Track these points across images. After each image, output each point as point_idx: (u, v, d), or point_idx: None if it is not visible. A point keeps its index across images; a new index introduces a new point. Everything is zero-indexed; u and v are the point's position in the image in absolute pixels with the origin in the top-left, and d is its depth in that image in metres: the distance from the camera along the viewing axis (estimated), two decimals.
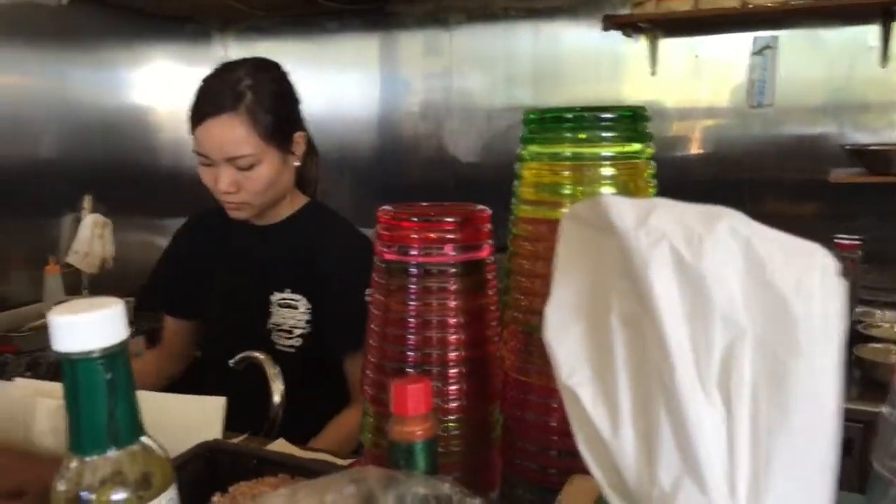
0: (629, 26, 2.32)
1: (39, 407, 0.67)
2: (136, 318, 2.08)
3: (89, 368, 0.38)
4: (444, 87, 2.73)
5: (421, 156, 2.79)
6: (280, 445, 0.99)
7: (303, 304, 1.26)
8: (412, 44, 2.77)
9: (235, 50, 3.08)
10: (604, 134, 0.59)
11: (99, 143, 2.74)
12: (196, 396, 0.73)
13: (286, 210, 1.32)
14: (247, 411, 0.95)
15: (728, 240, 0.36)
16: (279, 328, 1.26)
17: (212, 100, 1.18)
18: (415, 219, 0.59)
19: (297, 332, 1.26)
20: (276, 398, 1.09)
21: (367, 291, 1.17)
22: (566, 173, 0.59)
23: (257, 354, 1.13)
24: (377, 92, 2.84)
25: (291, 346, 1.26)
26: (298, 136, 1.27)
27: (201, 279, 1.36)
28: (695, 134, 2.50)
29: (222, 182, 1.19)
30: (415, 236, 0.59)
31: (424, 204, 0.64)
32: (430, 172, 2.77)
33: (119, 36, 2.82)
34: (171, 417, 0.65)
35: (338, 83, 2.86)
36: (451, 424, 0.59)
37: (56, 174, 2.56)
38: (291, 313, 1.26)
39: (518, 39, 2.63)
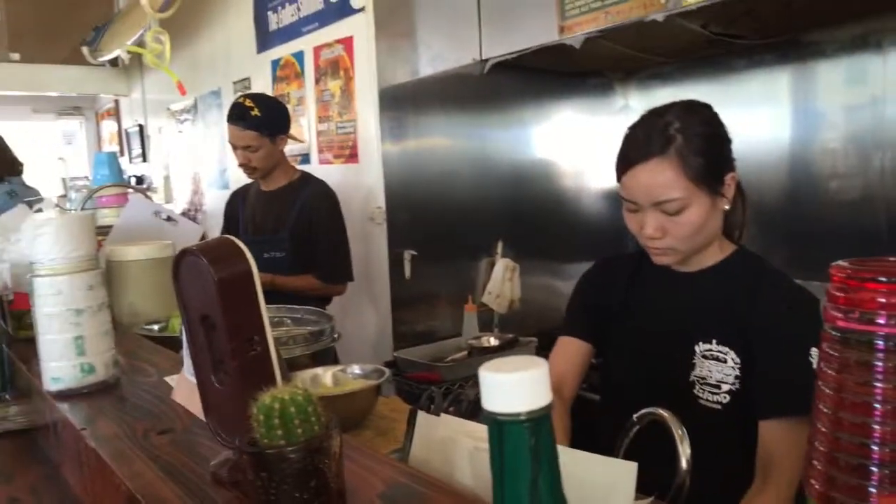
0: None
1: (461, 447, 0.71)
2: None
3: (515, 431, 0.37)
4: (873, 119, 2.34)
5: (842, 198, 2.43)
6: None
7: (731, 357, 1.17)
8: (832, 73, 2.44)
9: (636, 99, 3.10)
10: None
11: (510, 193, 3.00)
12: (607, 458, 0.70)
13: (713, 257, 1.26)
14: (649, 468, 0.90)
15: None
16: (704, 381, 1.19)
17: (640, 145, 1.19)
18: (884, 279, 0.47)
19: (725, 387, 1.17)
20: (683, 463, 1.02)
21: (812, 353, 1.06)
22: None
23: (662, 412, 1.07)
24: (788, 129, 2.57)
25: (717, 403, 1.17)
26: (729, 178, 1.21)
27: (610, 320, 1.35)
28: None
29: (649, 227, 1.19)
30: (884, 301, 0.46)
31: None
32: (855, 217, 2.38)
33: (529, 95, 3.06)
34: (577, 475, 0.62)
35: (744, 122, 2.65)
36: None
37: (475, 222, 2.86)
38: (719, 367, 1.18)
39: None
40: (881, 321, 0.47)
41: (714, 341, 1.19)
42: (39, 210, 1.25)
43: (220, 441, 0.82)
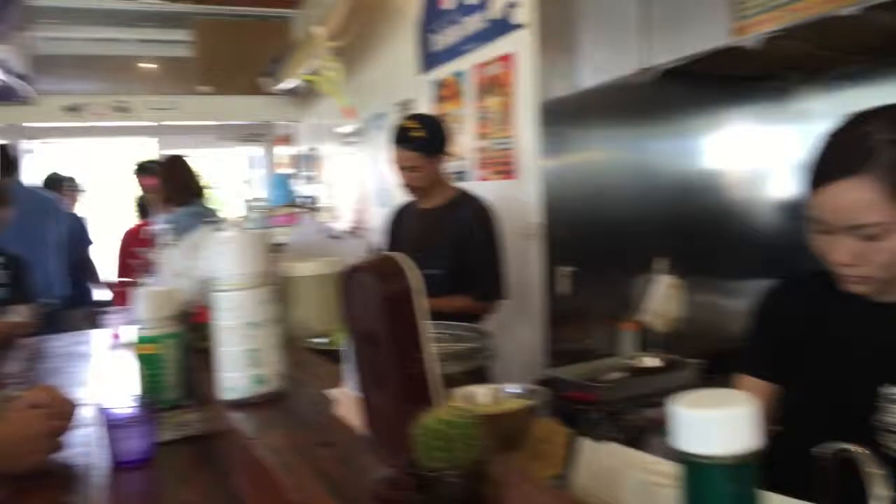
0: None
1: (631, 479, 0.65)
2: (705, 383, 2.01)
3: (716, 476, 0.31)
4: None
5: None
6: None
7: None
8: None
9: (818, 103, 2.84)
10: None
11: (673, 206, 2.84)
12: (798, 502, 0.61)
13: None
14: None
15: None
16: (889, 429, 1.03)
17: (837, 160, 1.04)
18: None
19: None
20: None
21: None
22: None
23: (855, 449, 0.94)
24: None
25: None
26: None
27: (792, 348, 1.20)
28: None
29: (840, 253, 1.04)
30: None
31: None
32: None
33: (697, 103, 2.90)
34: None
35: None
36: None
37: (636, 238, 2.74)
38: None
39: None
40: None
41: None
42: (221, 229, 1.33)
43: (381, 458, 0.82)
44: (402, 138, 2.46)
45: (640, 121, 2.82)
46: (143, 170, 4.59)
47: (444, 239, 2.46)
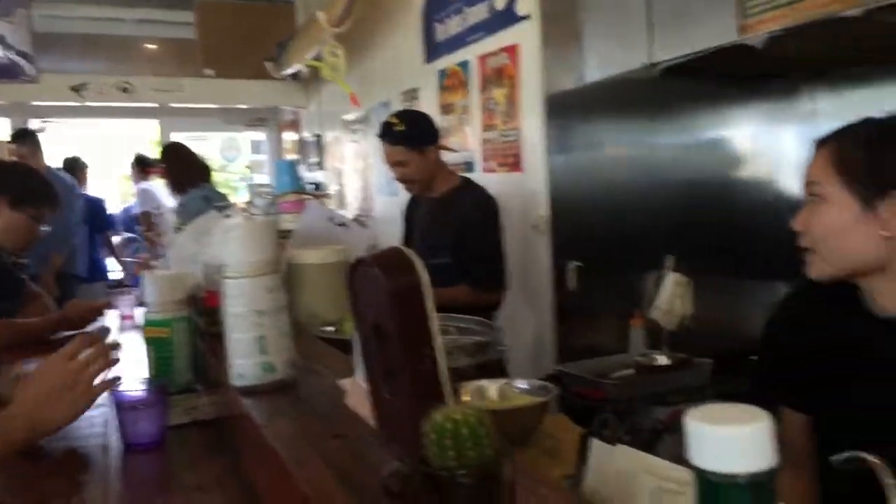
0: None
1: (642, 484, 0.67)
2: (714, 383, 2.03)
3: (732, 495, 0.32)
4: None
5: None
6: None
7: None
8: None
9: (826, 102, 2.84)
10: None
11: (683, 204, 2.85)
12: None
13: None
14: None
15: None
16: None
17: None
18: None
19: None
20: None
21: None
22: None
23: (868, 458, 0.94)
24: None
25: None
26: None
27: (813, 367, 1.17)
28: None
29: (797, 218, 1.08)
30: None
31: None
32: None
33: (704, 101, 2.90)
34: None
35: None
36: None
37: (642, 233, 2.75)
38: None
39: None
40: None
41: None
42: (229, 215, 1.34)
43: (392, 453, 0.83)
44: (385, 133, 2.49)
45: (648, 117, 2.82)
46: (142, 163, 4.76)
47: (448, 227, 2.47)
